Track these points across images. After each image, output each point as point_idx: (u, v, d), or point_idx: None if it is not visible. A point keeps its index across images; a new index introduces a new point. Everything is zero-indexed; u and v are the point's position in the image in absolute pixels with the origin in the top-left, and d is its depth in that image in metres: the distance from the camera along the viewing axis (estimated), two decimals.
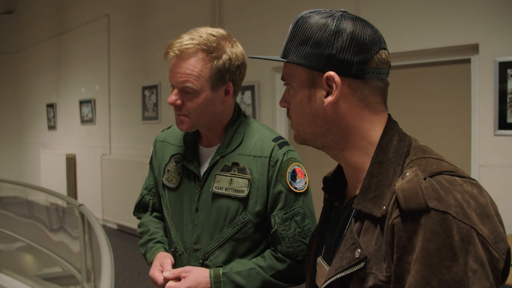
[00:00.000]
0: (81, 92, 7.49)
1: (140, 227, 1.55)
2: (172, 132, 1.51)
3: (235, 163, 1.32)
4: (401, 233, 0.70)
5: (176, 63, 1.26)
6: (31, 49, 9.29)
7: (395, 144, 0.83)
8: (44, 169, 8.34)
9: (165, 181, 1.44)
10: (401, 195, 0.71)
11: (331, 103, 0.83)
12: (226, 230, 1.32)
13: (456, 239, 0.65)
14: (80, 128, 7.57)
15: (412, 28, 3.29)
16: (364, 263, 0.76)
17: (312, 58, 0.82)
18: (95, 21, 7.05)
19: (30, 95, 9.45)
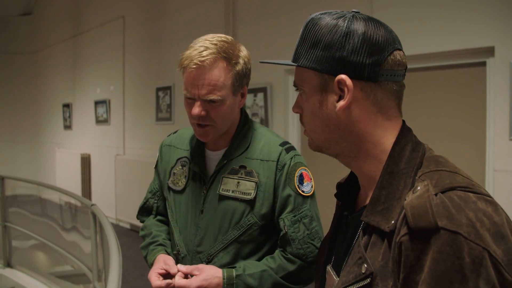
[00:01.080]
0: (96, 92, 7.58)
1: (142, 230, 1.55)
2: (178, 137, 1.54)
3: (243, 166, 1.35)
4: (409, 252, 0.66)
5: (198, 75, 1.24)
6: (48, 50, 9.44)
7: (407, 154, 0.78)
8: (60, 168, 8.46)
9: (170, 184, 1.45)
10: (410, 211, 0.67)
11: (343, 108, 0.79)
12: (231, 232, 1.33)
13: (467, 261, 0.61)
14: (95, 128, 7.66)
15: (427, 31, 3.25)
16: (370, 279, 0.73)
17: (323, 62, 0.79)
18: (110, 22, 7.14)
19: (46, 95, 9.60)
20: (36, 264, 4.69)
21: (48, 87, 9.55)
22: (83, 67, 8.10)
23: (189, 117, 1.32)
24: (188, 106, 1.30)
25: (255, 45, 4.23)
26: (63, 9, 8.84)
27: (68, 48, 8.60)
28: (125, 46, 6.84)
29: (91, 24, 7.76)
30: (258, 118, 4.60)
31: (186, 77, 1.26)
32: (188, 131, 1.52)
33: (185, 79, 1.27)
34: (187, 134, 1.51)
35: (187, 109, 1.31)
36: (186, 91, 1.27)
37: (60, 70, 8.95)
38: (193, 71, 1.24)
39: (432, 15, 3.23)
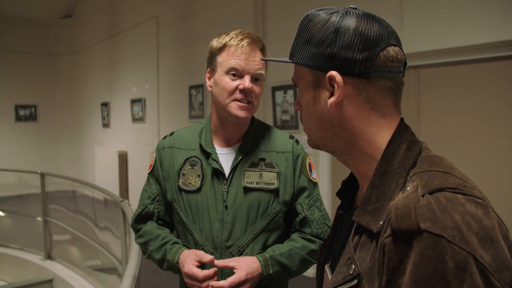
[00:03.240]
0: (132, 91, 7.78)
1: (142, 237, 1.50)
2: (177, 138, 1.53)
3: (262, 158, 1.43)
4: (392, 254, 0.64)
5: (252, 52, 1.36)
6: (88, 50, 9.76)
7: (401, 154, 0.76)
8: (99, 165, 8.74)
9: (182, 185, 1.45)
10: (394, 213, 0.65)
11: (333, 104, 0.78)
12: (259, 222, 1.40)
13: (450, 266, 0.59)
14: (131, 126, 7.87)
15: (460, 24, 3.16)
16: (357, 280, 0.72)
17: (315, 58, 0.78)
18: (145, 22, 7.30)
19: (86, 94, 9.93)
20: (72, 257, 4.89)
21: (87, 86, 9.88)
22: (119, 67, 8.33)
23: (227, 93, 1.37)
24: (230, 82, 1.36)
25: (284, 43, 4.23)
26: (101, 11, 9.12)
27: (105, 48, 8.86)
28: (159, 45, 6.98)
29: (126, 25, 7.97)
30: (288, 115, 4.59)
31: (237, 53, 1.35)
32: (187, 131, 1.54)
33: (234, 55, 1.35)
34: (187, 135, 1.52)
35: (228, 85, 1.36)
36: (237, 65, 1.34)
37: (99, 70, 9.24)
38: (247, 46, 1.35)
39: (464, 8, 3.13)
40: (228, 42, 1.37)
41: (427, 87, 3.51)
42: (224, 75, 1.37)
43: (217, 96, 1.40)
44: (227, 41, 1.37)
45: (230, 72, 1.36)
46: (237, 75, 1.36)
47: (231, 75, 1.36)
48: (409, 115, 3.50)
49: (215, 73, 1.40)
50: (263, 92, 4.87)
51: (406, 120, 0.82)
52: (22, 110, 10.24)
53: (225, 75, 1.36)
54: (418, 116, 3.54)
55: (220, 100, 1.39)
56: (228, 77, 1.36)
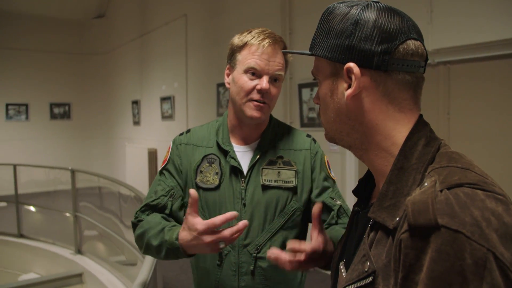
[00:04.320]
0: (162, 89, 7.88)
1: (141, 227, 1.34)
2: (194, 135, 1.50)
3: (280, 156, 1.42)
4: (408, 250, 0.62)
5: (272, 52, 1.33)
6: (119, 50, 9.96)
7: (419, 149, 0.74)
8: (129, 162, 8.91)
9: (199, 182, 1.42)
10: (410, 208, 0.63)
11: (350, 96, 0.77)
12: (277, 220, 1.39)
13: (469, 263, 0.56)
14: (160, 124, 7.97)
15: (492, 17, 3.03)
16: (372, 278, 0.70)
17: (334, 50, 0.78)
18: (174, 21, 7.38)
19: (117, 92, 10.13)
20: (100, 253, 4.99)
21: (118, 85, 10.08)
22: (149, 65, 8.45)
23: (244, 93, 1.35)
24: (248, 81, 1.34)
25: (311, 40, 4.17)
26: (131, 10, 9.27)
27: (136, 47, 9.01)
28: (187, 43, 7.04)
29: (156, 24, 8.07)
30: (315, 112, 4.54)
31: (258, 52, 1.33)
32: (203, 129, 1.52)
33: (254, 54, 1.33)
34: (204, 132, 1.50)
35: (246, 85, 1.34)
36: (256, 65, 1.32)
37: (129, 68, 9.41)
38: (268, 46, 1.33)
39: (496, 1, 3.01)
40: (249, 41, 1.34)
41: (457, 83, 3.39)
42: (243, 74, 1.35)
43: (234, 95, 1.38)
44: (248, 39, 1.35)
45: (248, 72, 1.34)
46: (255, 74, 1.34)
47: (249, 74, 1.34)
48: (439, 112, 3.39)
49: (234, 70, 1.38)
50: (291, 89, 4.84)
51: (435, 117, 0.81)
52: (56, 108, 10.55)
53: (244, 74, 1.34)
54: (448, 114, 3.42)
55: (237, 99, 1.37)
56: (246, 76, 1.34)
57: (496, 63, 3.37)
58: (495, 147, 3.18)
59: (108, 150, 10.65)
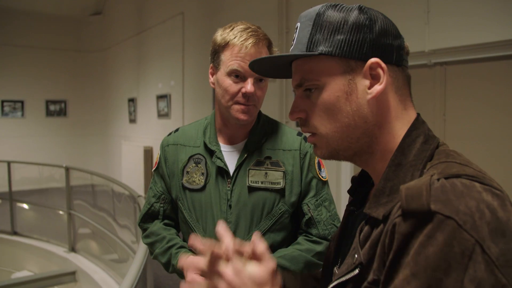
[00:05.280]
0: (158, 87, 7.85)
1: (149, 237, 1.47)
2: (182, 135, 1.48)
3: (268, 157, 1.37)
4: (399, 235, 0.61)
5: (256, 52, 1.28)
6: (116, 47, 9.92)
7: (418, 146, 0.72)
8: (125, 160, 8.87)
9: (185, 183, 1.41)
10: (404, 193, 0.62)
11: (379, 93, 0.72)
12: (264, 222, 1.35)
13: (455, 251, 0.55)
14: (156, 122, 7.94)
15: (489, 18, 3.02)
16: (360, 269, 0.69)
17: (349, 45, 0.72)
18: (171, 19, 7.35)
19: (114, 90, 10.10)
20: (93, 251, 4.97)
21: (115, 82, 10.04)
22: (146, 63, 8.42)
23: (229, 96, 1.30)
24: (233, 84, 1.29)
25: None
26: (128, 8, 9.23)
27: (133, 45, 8.97)
28: (184, 41, 7.01)
29: (153, 22, 8.04)
30: None
31: (241, 53, 1.27)
32: (192, 128, 1.49)
33: (237, 56, 1.28)
34: (192, 131, 1.48)
35: (231, 88, 1.29)
36: (240, 67, 1.27)
37: (126, 66, 9.37)
38: (252, 47, 1.27)
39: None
40: (231, 41, 1.29)
41: (454, 84, 3.38)
42: (227, 77, 1.30)
43: (219, 97, 1.34)
44: (230, 39, 1.29)
45: (232, 74, 1.29)
46: (239, 77, 1.29)
47: (233, 77, 1.29)
48: (434, 113, 3.38)
49: (218, 71, 1.34)
50: (287, 89, 4.82)
51: (431, 118, 0.79)
52: (52, 105, 10.49)
53: (228, 77, 1.30)
54: (444, 115, 3.41)
55: (222, 101, 1.33)
56: (230, 79, 1.30)
57: (493, 64, 3.36)
58: (491, 148, 3.17)
59: (104, 148, 10.61)
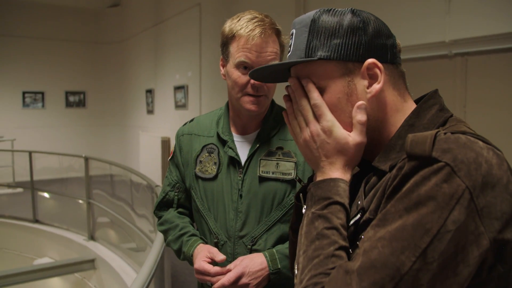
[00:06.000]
0: (175, 78, 7.88)
1: (163, 225, 1.50)
2: (197, 125, 1.50)
3: (279, 147, 1.36)
4: (399, 175, 0.65)
5: (263, 43, 1.27)
6: (134, 39, 9.97)
7: (433, 112, 0.77)
8: (143, 150, 8.96)
9: (198, 172, 1.42)
10: (410, 139, 0.66)
11: (379, 91, 0.76)
12: (274, 213, 1.35)
13: (445, 191, 0.60)
14: (174, 113, 7.99)
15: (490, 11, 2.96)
16: (361, 214, 0.73)
17: (345, 49, 0.76)
18: (188, 10, 7.35)
19: (132, 81, 10.17)
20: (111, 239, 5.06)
21: (133, 73, 10.11)
22: (163, 54, 8.45)
23: (238, 88, 1.31)
24: (241, 76, 1.30)
25: None
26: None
27: (150, 36, 9.01)
28: (201, 32, 7.01)
29: (170, 13, 8.05)
30: None
31: (247, 45, 1.27)
32: (207, 118, 1.51)
33: (244, 47, 1.28)
34: (206, 121, 1.49)
35: (239, 80, 1.30)
36: (247, 58, 1.27)
37: (144, 57, 9.42)
38: (258, 38, 1.26)
39: None
40: (238, 32, 1.29)
41: (475, 75, 3.32)
42: (235, 69, 1.30)
43: (230, 89, 1.35)
44: (237, 30, 1.29)
45: (240, 66, 1.29)
46: (247, 68, 1.29)
47: (241, 69, 1.30)
48: (455, 105, 3.33)
49: (227, 63, 1.35)
50: None
51: (451, 110, 0.81)
52: (71, 96, 10.64)
53: (236, 69, 1.30)
54: (464, 106, 3.36)
55: (233, 93, 1.34)
56: (239, 71, 1.30)
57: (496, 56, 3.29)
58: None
59: (122, 138, 10.72)
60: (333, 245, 0.69)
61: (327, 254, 0.68)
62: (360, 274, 0.62)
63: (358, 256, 0.64)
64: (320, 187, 0.75)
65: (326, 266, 0.67)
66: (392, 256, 0.60)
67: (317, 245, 0.70)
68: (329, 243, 0.69)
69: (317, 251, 0.69)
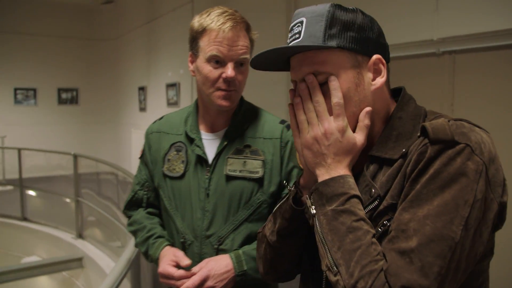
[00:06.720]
0: (168, 75, 7.84)
1: (132, 225, 1.48)
2: (166, 122, 1.48)
3: (247, 145, 1.35)
4: (423, 158, 0.74)
5: (234, 36, 1.26)
6: (127, 36, 9.92)
7: (413, 106, 0.87)
8: (135, 148, 8.91)
9: (166, 171, 1.40)
10: (430, 126, 0.75)
11: (383, 84, 0.85)
12: (241, 212, 1.33)
13: (471, 168, 0.71)
14: (166, 110, 7.92)
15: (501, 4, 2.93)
16: (378, 201, 0.79)
17: (358, 42, 0.83)
18: (181, 7, 7.31)
19: (125, 78, 10.12)
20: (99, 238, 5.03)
21: (126, 71, 10.06)
22: (156, 52, 8.41)
23: (210, 83, 1.29)
24: (213, 70, 1.28)
25: None
26: None
27: (143, 34, 8.96)
28: None
29: (163, 10, 8.01)
30: None
31: (218, 38, 1.25)
32: (176, 115, 1.48)
33: (215, 41, 1.26)
34: (176, 119, 1.47)
35: (211, 74, 1.28)
36: (219, 52, 1.25)
37: (137, 54, 9.37)
38: (229, 31, 1.25)
39: None
40: (208, 26, 1.27)
41: (463, 73, 3.30)
42: (206, 63, 1.28)
43: (200, 84, 1.33)
44: (207, 24, 1.27)
45: (212, 60, 1.27)
46: (219, 62, 1.27)
47: (213, 63, 1.28)
48: (442, 103, 3.31)
49: (197, 58, 1.32)
50: (278, 75, 4.76)
51: (438, 108, 0.90)
52: (64, 93, 10.57)
53: (207, 63, 1.28)
54: (452, 105, 3.34)
55: (204, 89, 1.31)
56: (210, 65, 1.28)
57: (504, 53, 3.27)
58: (500, 140, 3.09)
59: (114, 136, 10.67)
60: (368, 234, 0.74)
61: (367, 243, 0.73)
62: (420, 252, 0.68)
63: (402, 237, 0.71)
64: (330, 185, 0.79)
65: (372, 254, 0.72)
66: (444, 229, 0.69)
67: (352, 238, 0.74)
68: (364, 233, 0.74)
69: (356, 243, 0.73)
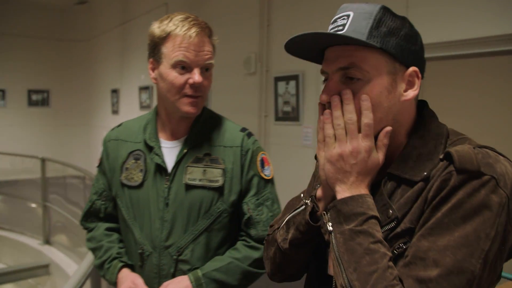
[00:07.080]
0: (141, 78, 7.75)
1: (90, 241, 1.43)
2: (124, 130, 1.44)
3: (207, 153, 1.32)
4: (446, 186, 0.73)
5: (200, 42, 1.25)
6: (100, 37, 9.77)
7: (435, 124, 0.86)
8: None
9: (124, 180, 1.36)
10: (456, 154, 0.74)
11: (413, 97, 0.84)
12: (201, 221, 1.30)
13: (495, 201, 0.71)
14: (138, 113, 7.79)
15: (469, 14, 2.99)
16: (396, 222, 0.78)
17: (401, 50, 0.81)
18: (155, 10, 7.23)
19: (98, 80, 9.97)
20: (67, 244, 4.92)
21: (99, 73, 9.91)
22: (129, 54, 8.31)
23: (175, 89, 1.25)
24: (179, 76, 1.24)
25: (290, 32, 4.10)
26: None
27: (117, 35, 8.85)
28: None
29: (137, 12, 7.92)
30: (289, 106, 4.48)
31: (184, 44, 1.23)
32: (135, 123, 1.44)
33: (180, 46, 1.23)
34: (134, 126, 1.42)
35: (177, 80, 1.24)
36: (185, 57, 1.23)
37: (110, 57, 9.24)
38: (195, 37, 1.23)
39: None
40: (173, 31, 1.24)
41: (432, 82, 3.36)
42: (171, 69, 1.24)
43: (165, 92, 1.28)
44: (172, 29, 1.24)
45: (177, 66, 1.24)
46: (185, 68, 1.24)
47: (179, 69, 1.24)
48: None
49: (160, 65, 1.28)
50: (267, 83, 4.77)
51: None
52: (35, 95, 10.32)
53: (172, 69, 1.24)
54: None
55: (169, 96, 1.27)
56: (175, 71, 1.24)
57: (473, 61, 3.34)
58: None
59: (86, 139, 10.47)
60: (385, 257, 0.74)
61: (383, 267, 0.73)
62: (439, 283, 0.69)
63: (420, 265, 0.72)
64: (349, 204, 0.78)
65: (388, 278, 0.72)
66: (464, 261, 0.69)
67: (369, 261, 0.73)
68: (381, 256, 0.74)
69: (373, 266, 0.73)
